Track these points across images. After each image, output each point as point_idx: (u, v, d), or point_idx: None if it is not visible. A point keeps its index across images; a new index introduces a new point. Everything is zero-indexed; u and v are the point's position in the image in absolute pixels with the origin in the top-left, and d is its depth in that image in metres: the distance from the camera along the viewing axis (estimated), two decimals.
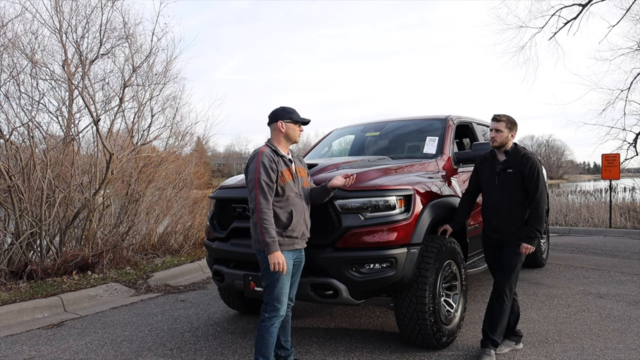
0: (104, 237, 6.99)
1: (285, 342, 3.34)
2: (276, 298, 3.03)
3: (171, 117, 8.21)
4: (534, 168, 3.40)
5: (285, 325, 3.31)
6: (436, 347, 3.61)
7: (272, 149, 3.09)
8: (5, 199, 6.18)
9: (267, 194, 2.93)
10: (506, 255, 3.48)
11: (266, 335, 3.03)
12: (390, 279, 3.35)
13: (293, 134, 3.16)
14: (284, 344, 3.34)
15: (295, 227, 3.06)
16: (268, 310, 3.04)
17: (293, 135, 3.17)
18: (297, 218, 3.07)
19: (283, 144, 3.17)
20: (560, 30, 13.34)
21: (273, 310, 3.04)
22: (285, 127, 3.14)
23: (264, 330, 3.04)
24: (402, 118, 5.77)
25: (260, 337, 3.05)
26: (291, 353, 3.40)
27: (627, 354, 3.51)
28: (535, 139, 74.74)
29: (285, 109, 3.17)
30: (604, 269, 6.69)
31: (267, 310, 3.05)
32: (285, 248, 3.02)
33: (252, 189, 2.94)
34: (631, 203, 13.00)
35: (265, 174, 2.93)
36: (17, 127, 6.46)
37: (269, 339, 3.04)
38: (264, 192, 2.91)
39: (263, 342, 3.04)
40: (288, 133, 3.15)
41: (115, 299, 5.58)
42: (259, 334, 3.06)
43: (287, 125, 3.14)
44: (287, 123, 3.14)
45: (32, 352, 3.89)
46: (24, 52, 6.56)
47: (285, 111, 3.16)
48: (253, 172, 2.96)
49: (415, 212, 3.51)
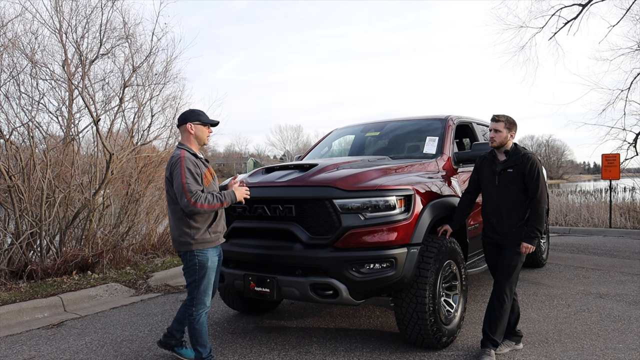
0: (104, 237, 6.99)
1: (178, 332, 3.53)
2: (203, 292, 3.21)
3: (171, 117, 8.21)
4: (534, 168, 3.40)
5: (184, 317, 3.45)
6: (436, 347, 3.62)
7: (190, 153, 3.18)
8: (5, 199, 6.18)
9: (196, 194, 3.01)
10: (506, 255, 3.47)
11: (198, 326, 3.22)
12: (390, 279, 3.35)
13: (202, 135, 3.27)
14: (176, 334, 3.53)
15: (219, 223, 3.25)
16: (195, 304, 3.21)
17: (202, 136, 3.27)
18: (220, 213, 3.26)
19: (195, 145, 3.27)
20: (560, 30, 13.37)
21: (200, 303, 3.21)
22: (194, 128, 3.24)
23: (195, 323, 3.21)
24: (402, 118, 5.76)
25: (193, 329, 3.21)
26: (180, 343, 3.58)
27: (627, 354, 3.51)
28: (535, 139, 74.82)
29: (193, 112, 3.28)
30: (604, 269, 6.69)
31: (194, 304, 3.21)
32: (212, 245, 3.19)
33: (182, 194, 3.00)
34: (631, 203, 13.00)
35: (191, 177, 3.03)
36: (17, 127, 6.46)
37: (202, 329, 3.23)
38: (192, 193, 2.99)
39: (197, 333, 3.22)
40: (197, 134, 3.25)
41: (115, 299, 5.58)
42: (191, 327, 3.22)
43: (196, 127, 3.25)
44: (196, 125, 3.25)
45: (32, 352, 3.90)
46: (24, 52, 6.56)
47: (193, 113, 3.27)
48: (179, 177, 3.02)
49: (415, 212, 3.51)
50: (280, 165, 4.14)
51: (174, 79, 8.01)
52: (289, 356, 3.64)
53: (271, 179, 3.84)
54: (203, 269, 3.17)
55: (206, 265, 3.18)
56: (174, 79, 7.99)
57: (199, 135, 3.26)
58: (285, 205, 3.60)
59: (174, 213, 3.18)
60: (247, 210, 3.80)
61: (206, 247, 3.16)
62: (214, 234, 3.20)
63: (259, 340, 4.02)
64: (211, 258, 3.20)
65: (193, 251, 3.14)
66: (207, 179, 3.18)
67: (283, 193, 3.65)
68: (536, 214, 3.40)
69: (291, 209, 3.58)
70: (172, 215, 3.20)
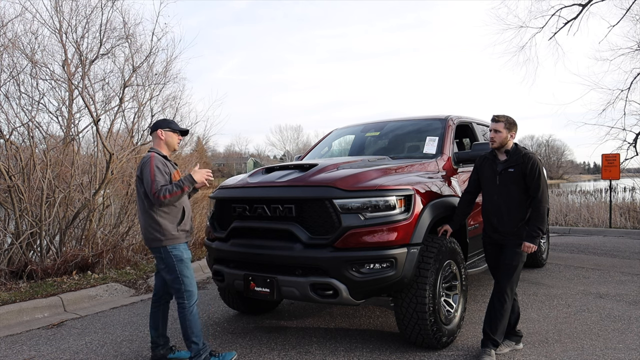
0: (104, 237, 6.99)
1: (160, 337, 3.61)
2: (190, 282, 3.35)
3: (171, 117, 8.21)
4: (535, 167, 3.41)
5: (166, 316, 3.63)
6: (436, 347, 3.61)
7: (160, 155, 3.39)
8: (5, 199, 6.18)
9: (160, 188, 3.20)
10: (507, 255, 3.47)
11: (191, 317, 3.33)
12: (390, 279, 3.35)
13: (171, 141, 3.48)
14: (159, 340, 3.59)
15: (187, 222, 3.42)
16: (186, 297, 3.33)
17: (171, 142, 3.48)
18: (187, 213, 3.43)
19: (165, 150, 3.48)
20: (560, 30, 13.37)
21: (190, 296, 3.35)
22: (164, 135, 3.45)
23: (189, 314, 3.32)
24: (402, 118, 5.76)
25: (187, 322, 3.32)
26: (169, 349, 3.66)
27: (627, 354, 3.51)
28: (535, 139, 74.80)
29: (165, 120, 3.52)
30: (604, 269, 6.69)
31: (184, 297, 3.33)
32: (181, 240, 3.37)
33: (150, 190, 3.21)
34: (631, 203, 13.01)
35: (160, 174, 3.24)
36: (17, 127, 6.47)
37: (195, 320, 3.34)
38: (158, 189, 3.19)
39: (191, 324, 3.32)
40: (167, 140, 3.47)
41: (115, 299, 5.58)
42: (184, 320, 3.32)
43: (166, 134, 3.46)
44: (166, 131, 3.46)
45: (32, 352, 3.90)
46: (24, 52, 6.56)
47: (165, 121, 3.50)
48: (148, 174, 3.23)
49: (415, 212, 3.51)
50: (280, 165, 4.14)
51: (174, 79, 8.04)
52: (289, 356, 3.64)
53: (271, 179, 3.84)
54: (181, 261, 3.33)
55: (183, 258, 3.34)
56: (174, 79, 8.02)
57: (169, 142, 3.47)
58: (285, 205, 3.60)
59: (143, 212, 3.34)
60: (247, 210, 3.80)
61: (176, 243, 3.33)
62: (181, 232, 3.37)
63: (259, 340, 4.02)
64: (184, 252, 3.37)
65: (166, 247, 3.30)
66: (175, 179, 3.36)
67: (283, 193, 3.65)
68: (538, 214, 3.39)
69: (291, 209, 3.58)
70: (142, 214, 3.37)
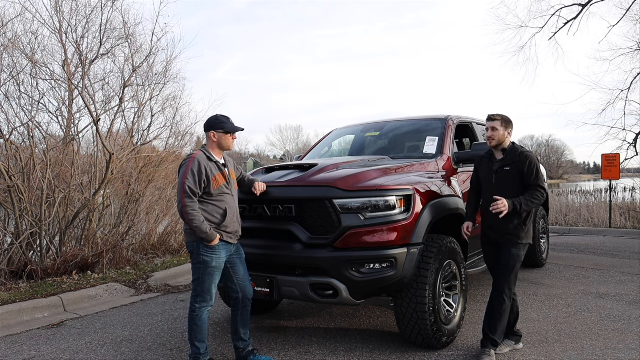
0: (104, 237, 6.99)
1: (245, 334, 3.50)
2: (207, 290, 3.26)
3: (171, 117, 8.22)
4: (533, 165, 3.41)
5: (245, 319, 3.49)
6: (436, 347, 3.62)
7: (206, 155, 3.27)
8: (5, 199, 6.18)
9: (192, 197, 3.12)
10: (505, 255, 3.47)
11: (199, 322, 3.26)
12: (390, 279, 3.35)
13: (225, 143, 3.35)
14: (243, 337, 3.49)
15: (229, 224, 3.28)
16: (199, 301, 3.26)
17: (225, 144, 3.35)
18: (231, 215, 3.29)
19: (216, 150, 3.36)
20: (560, 30, 13.38)
21: (204, 301, 3.27)
22: (217, 137, 3.32)
23: (197, 319, 3.26)
24: (402, 118, 5.76)
25: (194, 325, 3.26)
26: (250, 344, 3.53)
27: (627, 354, 3.51)
28: (535, 139, 74.88)
29: (218, 119, 3.34)
30: (604, 269, 6.69)
31: (197, 301, 3.26)
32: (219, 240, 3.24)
33: (179, 192, 3.15)
34: (631, 203, 13.01)
35: (192, 179, 3.12)
36: (17, 127, 6.46)
37: (203, 325, 3.28)
38: (189, 196, 3.11)
39: (197, 329, 3.27)
40: (220, 142, 3.34)
41: (115, 299, 5.58)
42: (192, 323, 3.26)
43: (218, 135, 3.32)
44: (219, 133, 3.32)
45: (32, 352, 3.90)
46: (24, 52, 6.56)
47: (217, 121, 3.33)
48: (182, 176, 3.15)
49: (415, 212, 3.51)
50: (280, 165, 4.14)
51: (174, 79, 8.03)
52: (289, 356, 3.64)
53: (271, 179, 3.84)
54: (207, 268, 3.22)
55: (211, 265, 3.22)
56: (174, 79, 8.01)
57: (222, 143, 3.34)
58: (285, 205, 3.60)
59: None
60: (247, 210, 3.81)
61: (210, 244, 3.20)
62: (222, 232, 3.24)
63: (259, 340, 4.02)
64: (216, 259, 3.23)
65: (199, 248, 3.19)
66: (217, 183, 3.23)
67: (283, 193, 3.65)
68: (532, 195, 3.37)
69: (291, 209, 3.58)
70: None
